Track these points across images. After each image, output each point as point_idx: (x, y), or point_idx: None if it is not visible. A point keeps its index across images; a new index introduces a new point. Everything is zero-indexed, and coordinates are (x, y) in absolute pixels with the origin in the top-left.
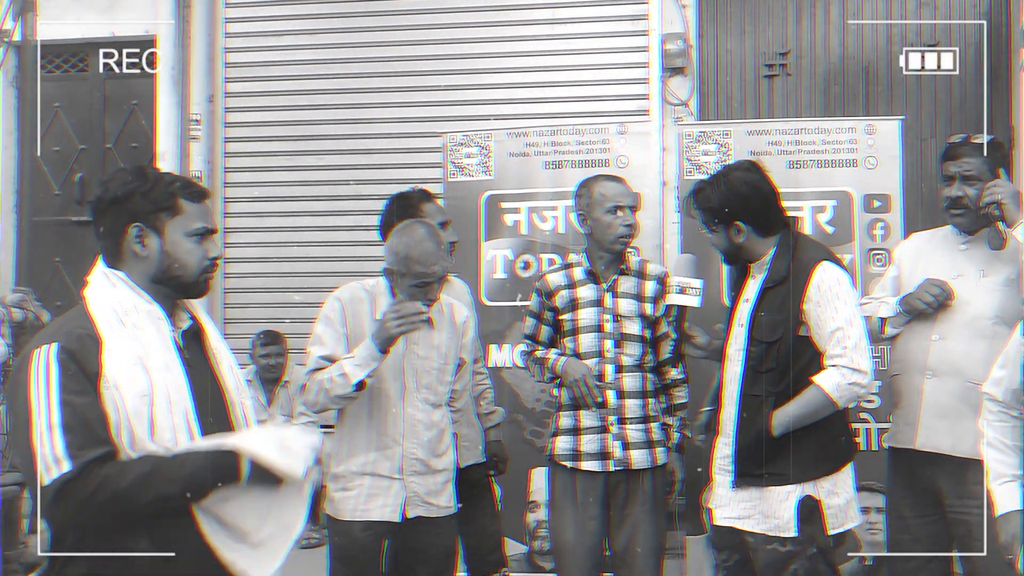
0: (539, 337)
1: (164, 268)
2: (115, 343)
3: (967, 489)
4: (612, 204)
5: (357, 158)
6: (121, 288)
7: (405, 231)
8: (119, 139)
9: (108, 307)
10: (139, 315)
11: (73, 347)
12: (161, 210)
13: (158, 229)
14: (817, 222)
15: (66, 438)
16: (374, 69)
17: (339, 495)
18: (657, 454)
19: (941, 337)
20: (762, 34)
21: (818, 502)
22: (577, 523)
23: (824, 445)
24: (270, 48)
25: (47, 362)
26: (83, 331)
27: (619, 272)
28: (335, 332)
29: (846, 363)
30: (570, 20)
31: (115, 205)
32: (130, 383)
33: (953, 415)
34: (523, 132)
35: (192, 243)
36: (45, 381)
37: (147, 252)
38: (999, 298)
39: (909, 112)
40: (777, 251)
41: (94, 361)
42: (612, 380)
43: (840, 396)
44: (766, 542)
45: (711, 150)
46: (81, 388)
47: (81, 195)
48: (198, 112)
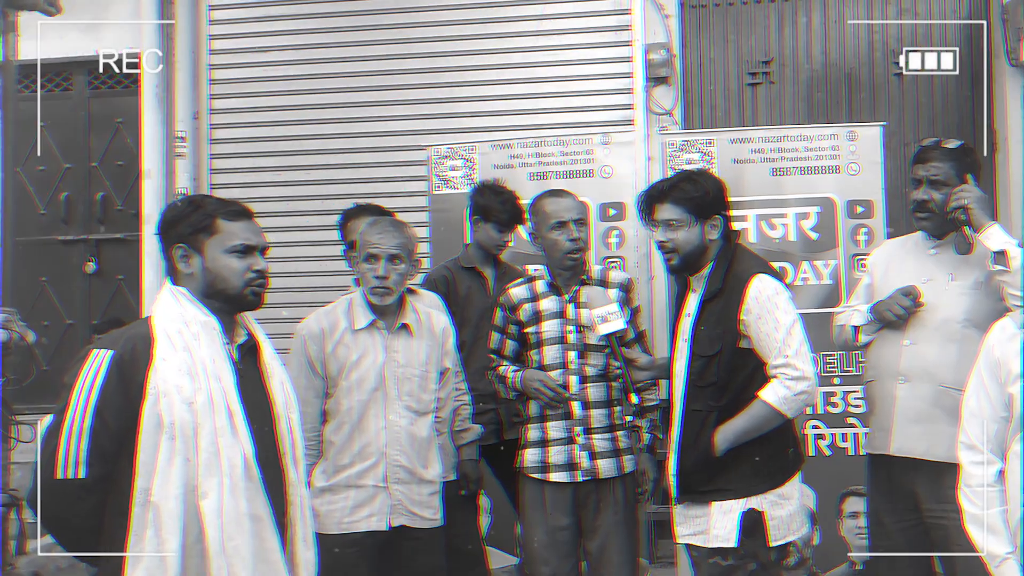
0: (504, 351)
1: (208, 283)
2: (167, 352)
3: (944, 493)
4: (556, 220)
5: (343, 172)
6: (183, 302)
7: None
8: (104, 157)
9: (168, 318)
10: (196, 326)
11: (126, 357)
12: (199, 231)
13: (198, 248)
14: (801, 228)
15: (91, 445)
16: (358, 84)
17: (324, 508)
18: (624, 462)
19: (912, 342)
20: (745, 43)
21: (761, 514)
22: (547, 535)
23: (770, 458)
24: (255, 64)
25: (98, 367)
26: (139, 340)
27: (581, 283)
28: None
29: (789, 372)
30: (554, 31)
31: (166, 231)
32: (177, 391)
33: (927, 419)
34: (507, 144)
35: (232, 258)
36: (90, 384)
37: (191, 269)
38: (968, 301)
39: (892, 117)
40: (715, 264)
41: (143, 369)
42: (577, 391)
43: (787, 408)
44: (708, 555)
45: (694, 159)
46: (118, 402)
47: (67, 214)
48: (183, 129)
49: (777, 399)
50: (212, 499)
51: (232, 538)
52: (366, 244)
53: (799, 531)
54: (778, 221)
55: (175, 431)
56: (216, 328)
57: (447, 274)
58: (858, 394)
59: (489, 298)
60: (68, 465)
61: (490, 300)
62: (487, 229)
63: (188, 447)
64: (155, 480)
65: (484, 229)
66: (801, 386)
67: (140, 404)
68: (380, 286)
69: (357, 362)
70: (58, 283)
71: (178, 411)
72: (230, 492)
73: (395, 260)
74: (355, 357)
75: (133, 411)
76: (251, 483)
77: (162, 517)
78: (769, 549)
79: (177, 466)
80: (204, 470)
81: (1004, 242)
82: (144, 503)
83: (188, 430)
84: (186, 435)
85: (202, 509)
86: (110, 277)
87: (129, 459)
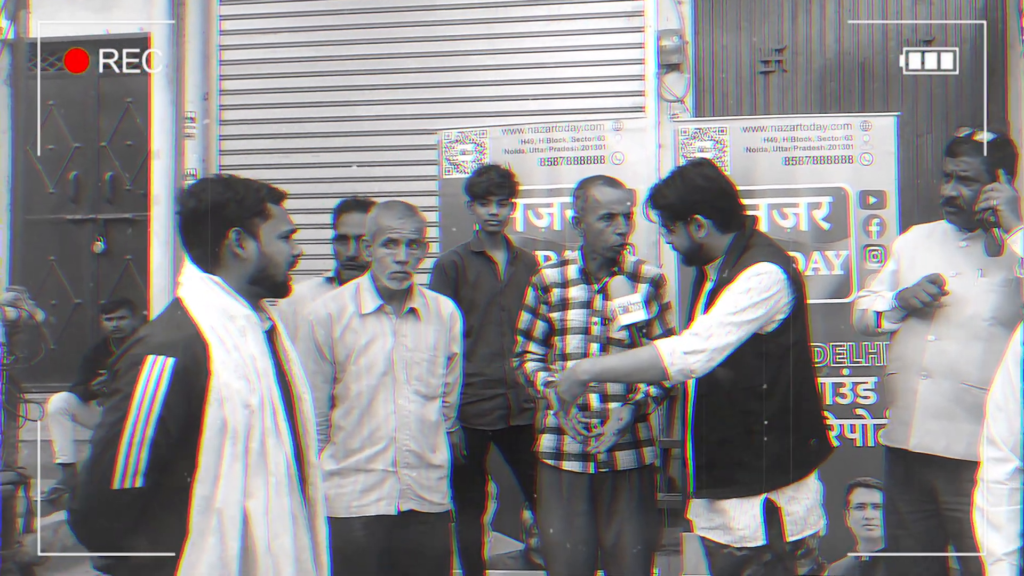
0: (533, 333)
1: (261, 268)
2: (221, 354)
3: (962, 487)
4: (606, 211)
5: (352, 156)
6: (218, 292)
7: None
8: (113, 137)
9: (212, 314)
10: (240, 321)
11: (188, 364)
12: (255, 215)
13: (253, 233)
14: (813, 218)
15: (151, 456)
16: (369, 66)
17: (333, 492)
18: (644, 453)
19: (937, 338)
20: (758, 30)
21: (778, 508)
22: (564, 520)
23: (792, 449)
24: (265, 46)
25: (159, 375)
26: (195, 343)
27: (611, 273)
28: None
29: (695, 333)
30: (566, 16)
31: (211, 214)
32: (236, 394)
33: (947, 417)
34: (518, 129)
35: (283, 244)
36: (152, 393)
37: (246, 254)
38: (996, 299)
39: (905, 108)
40: (727, 254)
41: (203, 374)
42: (596, 383)
43: (671, 361)
44: (721, 547)
45: (707, 147)
46: (181, 411)
47: (76, 193)
48: (193, 110)
49: (668, 352)
50: (259, 499)
51: (278, 536)
52: (385, 229)
53: (816, 525)
54: (790, 211)
55: (237, 435)
56: (258, 323)
57: (456, 259)
58: (867, 385)
59: (499, 283)
60: (127, 476)
61: (500, 285)
62: (475, 207)
63: (241, 449)
64: (219, 485)
65: (473, 208)
66: (695, 350)
67: (201, 411)
68: (400, 271)
69: (366, 347)
70: (66, 262)
71: (239, 415)
72: (275, 491)
73: (413, 245)
74: (363, 342)
75: (194, 418)
76: (291, 481)
77: (225, 523)
78: (784, 543)
79: (237, 470)
80: (253, 470)
81: None
82: (205, 509)
83: (242, 432)
84: (240, 437)
85: (249, 510)
86: (118, 257)
87: (182, 464)
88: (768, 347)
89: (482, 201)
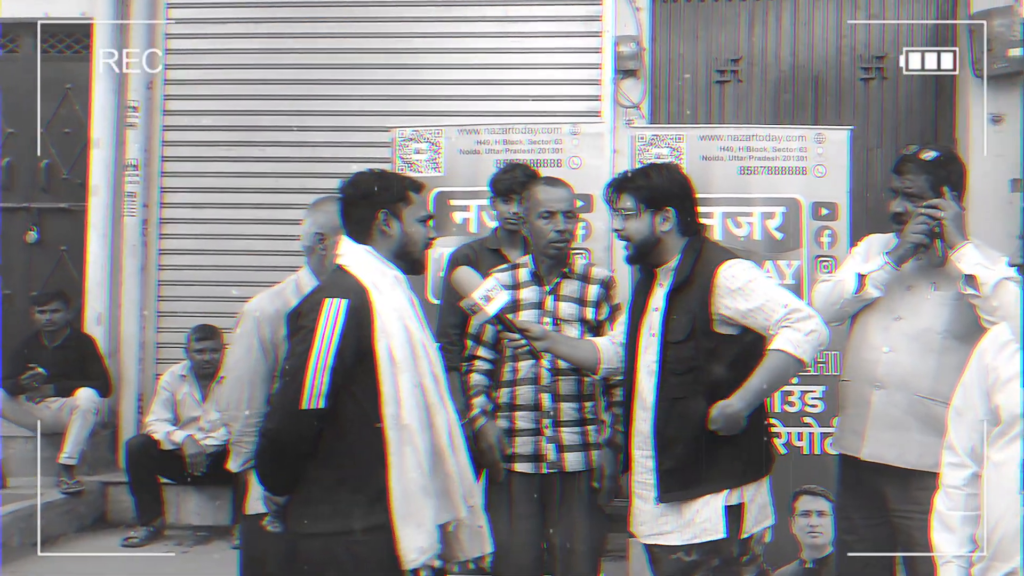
0: (483, 337)
1: (403, 245)
2: (381, 300)
3: (911, 495)
4: (544, 209)
5: (300, 150)
6: (371, 258)
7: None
8: (51, 124)
9: (369, 271)
10: (390, 278)
11: (358, 304)
12: (399, 200)
13: (398, 215)
14: (767, 228)
15: (332, 380)
16: (321, 59)
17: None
18: (593, 456)
19: (891, 349)
20: (714, 40)
21: (741, 505)
22: (511, 523)
23: (756, 448)
24: (212, 36)
25: (336, 313)
26: (361, 291)
27: (562, 275)
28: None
29: (793, 316)
30: (524, 19)
31: (366, 198)
32: (398, 333)
33: (900, 427)
34: (474, 129)
35: (421, 226)
36: (332, 327)
37: (392, 232)
38: (949, 312)
39: (857, 122)
40: (682, 256)
41: (369, 315)
42: (548, 383)
43: (802, 351)
44: (670, 551)
45: (663, 153)
46: (354, 344)
47: (9, 180)
48: (135, 99)
49: (791, 344)
50: (441, 418)
51: (457, 450)
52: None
53: (767, 520)
54: (744, 220)
55: (406, 365)
56: (403, 281)
57: (470, 252)
58: (816, 394)
59: None
60: (312, 397)
61: None
62: (496, 204)
63: (410, 376)
64: (402, 406)
65: (495, 204)
66: (810, 324)
67: (371, 345)
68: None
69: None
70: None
71: (404, 350)
72: (446, 414)
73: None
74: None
75: (364, 352)
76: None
77: (415, 437)
78: (734, 543)
79: (413, 393)
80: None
81: (975, 264)
82: (395, 426)
83: (409, 363)
84: (407, 367)
85: (437, 426)
86: (52, 247)
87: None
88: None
89: (504, 198)
